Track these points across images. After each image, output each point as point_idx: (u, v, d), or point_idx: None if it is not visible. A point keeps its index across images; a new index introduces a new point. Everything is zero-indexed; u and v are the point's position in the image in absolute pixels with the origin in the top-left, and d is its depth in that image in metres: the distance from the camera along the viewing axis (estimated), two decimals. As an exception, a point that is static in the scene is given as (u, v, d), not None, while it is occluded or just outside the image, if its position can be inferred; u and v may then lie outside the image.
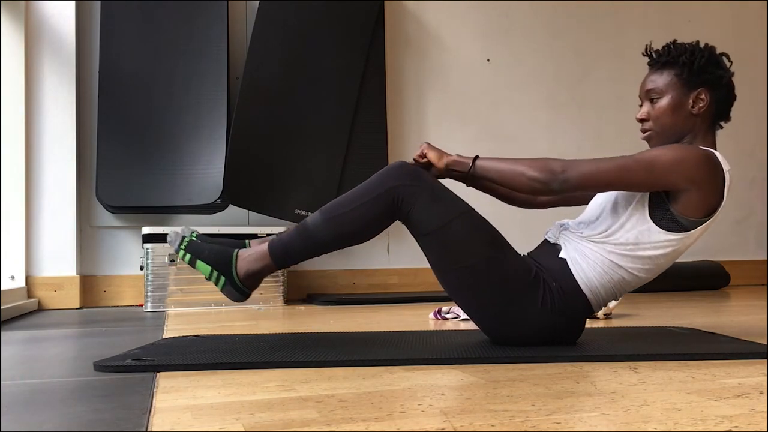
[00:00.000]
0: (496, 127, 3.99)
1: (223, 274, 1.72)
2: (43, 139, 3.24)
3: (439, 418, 1.07)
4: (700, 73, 1.73)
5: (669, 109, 1.75)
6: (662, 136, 1.77)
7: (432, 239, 1.68)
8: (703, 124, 1.76)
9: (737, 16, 4.52)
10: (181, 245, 1.74)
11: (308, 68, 3.43)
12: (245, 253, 1.73)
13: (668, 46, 1.78)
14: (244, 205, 3.29)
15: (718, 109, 1.77)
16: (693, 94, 1.74)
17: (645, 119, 1.79)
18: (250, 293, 1.76)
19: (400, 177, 1.68)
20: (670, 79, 1.76)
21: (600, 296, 1.72)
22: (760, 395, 1.20)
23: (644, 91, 1.81)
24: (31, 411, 1.17)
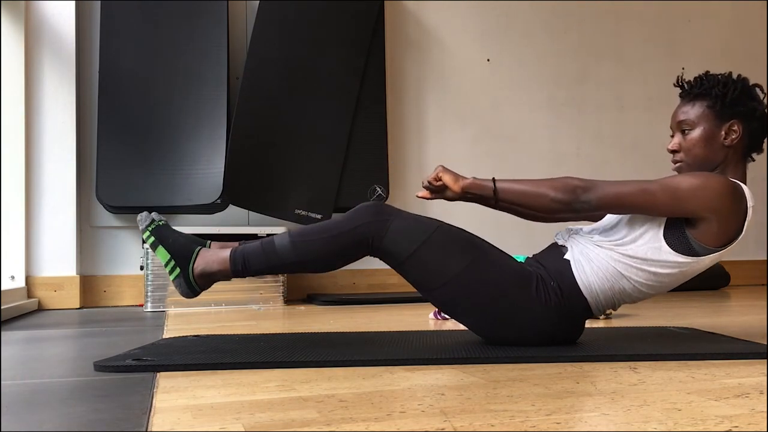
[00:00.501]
0: (496, 127, 3.99)
1: (179, 265, 1.73)
2: (43, 139, 3.24)
3: (439, 418, 1.07)
4: (733, 105, 1.72)
5: (701, 140, 1.74)
6: (693, 167, 1.76)
7: (409, 266, 1.69)
8: (734, 156, 1.75)
9: (737, 16, 4.52)
10: (148, 226, 1.77)
11: (308, 68, 3.43)
12: (207, 252, 1.75)
13: (701, 77, 1.78)
14: (244, 205, 3.29)
15: (751, 140, 1.76)
16: (725, 126, 1.73)
17: (676, 150, 1.78)
18: (200, 292, 1.76)
19: (367, 215, 1.69)
20: (702, 111, 1.75)
21: (599, 302, 1.71)
22: (760, 395, 1.20)
23: (676, 122, 1.79)
24: (31, 411, 1.17)
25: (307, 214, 3.34)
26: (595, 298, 1.70)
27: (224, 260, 1.72)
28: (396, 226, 1.68)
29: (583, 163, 4.09)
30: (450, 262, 1.67)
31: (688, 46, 4.39)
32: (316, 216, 3.35)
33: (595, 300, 1.71)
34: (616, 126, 4.19)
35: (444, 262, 1.67)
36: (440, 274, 1.68)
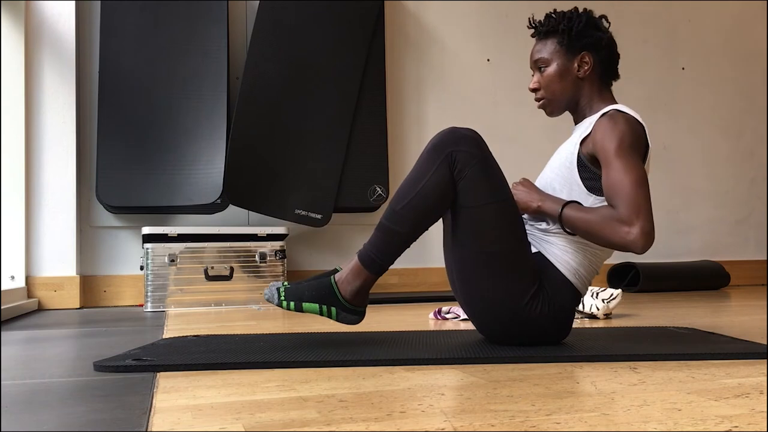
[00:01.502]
0: (496, 127, 3.99)
1: (332, 305, 1.71)
2: (43, 139, 3.24)
3: (439, 418, 1.07)
4: (580, 37, 1.79)
5: (556, 75, 1.82)
6: (554, 102, 1.84)
7: (467, 213, 1.67)
8: (593, 86, 1.82)
9: (737, 16, 4.52)
10: (281, 297, 1.73)
11: (308, 68, 3.43)
12: (341, 275, 1.73)
13: (548, 15, 1.84)
14: (244, 205, 3.29)
15: (604, 69, 1.82)
16: (577, 59, 1.80)
17: (537, 89, 1.86)
18: (364, 311, 1.76)
19: (456, 142, 1.66)
20: (553, 47, 1.82)
21: (582, 276, 1.74)
22: (760, 395, 1.20)
23: (533, 61, 1.87)
24: (31, 411, 1.17)
25: (307, 214, 3.34)
26: (578, 275, 1.73)
27: (359, 269, 1.70)
28: (480, 170, 1.65)
29: (583, 163, 4.08)
30: (498, 235, 1.66)
31: (688, 46, 4.39)
32: (316, 216, 3.35)
33: (579, 278, 1.73)
34: (616, 126, 4.18)
35: (493, 233, 1.66)
36: (483, 240, 1.67)
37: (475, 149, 1.66)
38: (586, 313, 2.50)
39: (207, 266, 3.15)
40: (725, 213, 4.43)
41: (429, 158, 1.66)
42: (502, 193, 1.68)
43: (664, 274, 3.90)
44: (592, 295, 2.52)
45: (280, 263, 3.26)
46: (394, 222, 1.67)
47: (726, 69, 4.49)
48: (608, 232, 1.61)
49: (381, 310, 2.91)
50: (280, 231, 3.29)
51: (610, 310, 2.51)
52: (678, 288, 3.89)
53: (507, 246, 1.67)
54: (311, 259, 3.63)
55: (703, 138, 4.41)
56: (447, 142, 1.66)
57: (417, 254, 3.71)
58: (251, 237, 3.25)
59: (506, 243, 1.67)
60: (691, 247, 4.32)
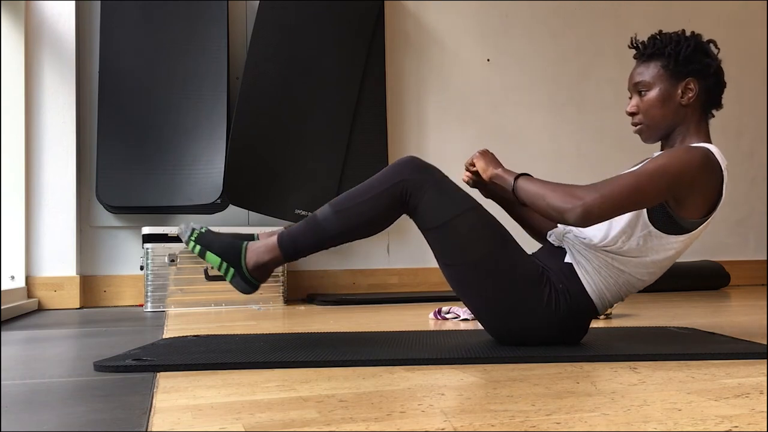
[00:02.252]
0: (496, 127, 3.99)
1: (232, 265, 1.72)
2: (43, 139, 3.24)
3: (439, 418, 1.07)
4: (687, 62, 1.71)
5: (658, 101, 1.73)
6: (653, 128, 1.75)
7: (438, 234, 1.68)
8: (694, 115, 1.74)
9: (737, 16, 4.52)
10: (191, 236, 1.75)
11: (308, 68, 3.43)
12: (254, 245, 1.74)
13: (654, 37, 1.76)
14: (244, 205, 3.29)
15: (708, 97, 1.75)
16: (681, 85, 1.72)
17: (635, 113, 1.77)
18: (258, 285, 1.76)
19: (408, 171, 1.67)
20: (657, 71, 1.73)
21: (605, 299, 1.72)
22: (760, 395, 1.20)
23: (632, 84, 1.78)
24: (31, 411, 1.17)
25: (307, 214, 3.33)
26: (602, 297, 1.71)
27: (273, 247, 1.72)
28: (433, 194, 1.66)
29: (583, 162, 4.09)
30: (478, 245, 1.66)
31: (688, 46, 4.38)
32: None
33: (602, 299, 1.71)
34: (617, 125, 4.18)
35: (472, 244, 1.66)
36: (463, 254, 1.67)
37: (426, 175, 1.68)
38: (586, 313, 2.49)
39: (207, 266, 3.15)
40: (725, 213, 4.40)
41: (381, 180, 1.68)
42: (464, 203, 1.67)
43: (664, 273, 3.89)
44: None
45: (280, 263, 3.26)
46: (326, 222, 1.69)
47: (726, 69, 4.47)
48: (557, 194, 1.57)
49: (381, 310, 2.91)
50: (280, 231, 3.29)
51: (610, 310, 2.51)
52: (678, 288, 3.89)
53: (488, 250, 1.67)
54: (311, 258, 3.62)
55: (703, 138, 4.41)
56: (400, 171, 1.68)
57: (417, 254, 3.71)
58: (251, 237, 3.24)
59: (486, 247, 1.67)
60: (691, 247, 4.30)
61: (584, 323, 1.74)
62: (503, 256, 1.68)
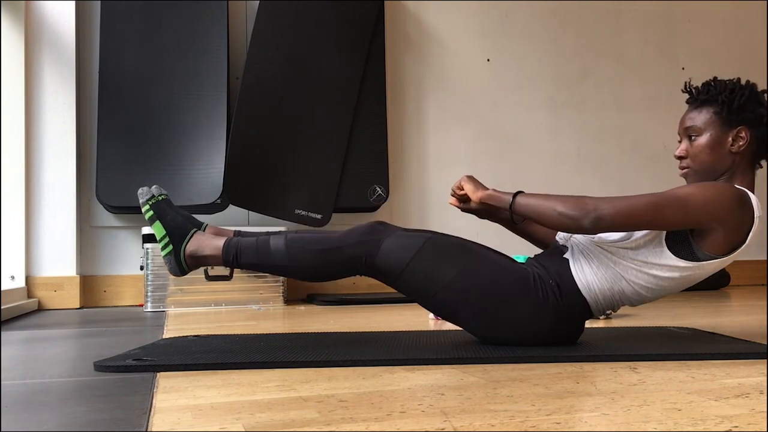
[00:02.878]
0: (496, 127, 3.99)
1: (172, 242, 1.78)
2: (43, 139, 3.24)
3: (439, 418, 1.07)
4: (740, 111, 1.70)
5: (708, 147, 1.73)
6: (700, 173, 1.75)
7: (403, 279, 1.70)
8: (742, 163, 1.73)
9: (737, 16, 4.52)
10: (148, 200, 1.82)
11: (308, 68, 3.43)
12: (201, 236, 1.79)
13: (708, 83, 1.76)
14: (244, 205, 3.29)
15: (759, 147, 1.74)
16: (732, 133, 1.71)
17: (683, 156, 1.78)
18: (187, 272, 1.80)
19: (360, 235, 1.71)
20: (709, 117, 1.73)
21: (598, 302, 1.71)
22: (760, 395, 1.20)
23: (683, 128, 1.78)
24: (31, 411, 1.17)
25: (307, 214, 3.34)
26: (595, 297, 1.70)
27: (217, 248, 1.75)
28: (387, 244, 1.69)
29: (583, 162, 4.09)
30: (443, 268, 1.68)
31: (688, 46, 4.39)
32: (315, 216, 3.35)
33: (594, 300, 1.71)
34: (616, 126, 4.18)
35: (437, 270, 1.68)
36: (435, 282, 1.68)
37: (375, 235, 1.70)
38: (586, 313, 2.49)
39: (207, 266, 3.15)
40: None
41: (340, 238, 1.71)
42: (418, 240, 1.70)
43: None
44: (592, 295, 2.52)
45: (280, 263, 3.26)
46: (276, 253, 1.72)
47: (726, 69, 4.48)
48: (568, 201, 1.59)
49: (381, 310, 2.91)
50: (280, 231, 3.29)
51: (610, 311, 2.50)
52: (678, 288, 3.88)
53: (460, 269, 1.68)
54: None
55: (703, 138, 4.41)
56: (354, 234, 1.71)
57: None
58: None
59: (457, 267, 1.68)
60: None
61: (578, 321, 1.74)
62: (476, 268, 1.69)
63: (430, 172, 3.86)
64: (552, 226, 1.64)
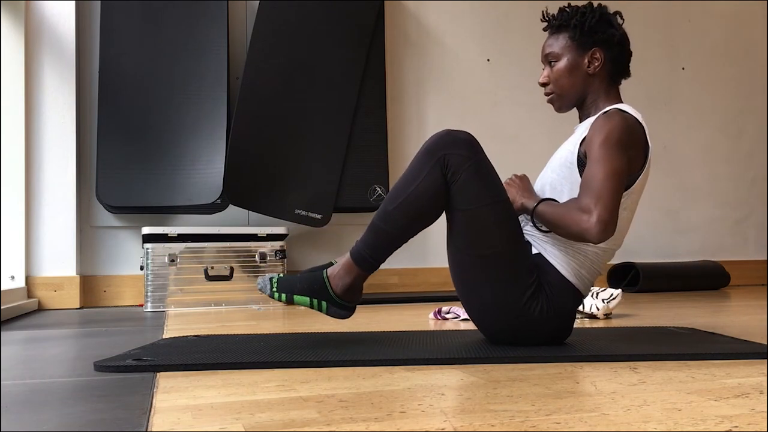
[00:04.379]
0: (496, 127, 3.99)
1: (322, 299, 1.73)
2: (43, 139, 3.24)
3: (439, 418, 1.07)
4: (592, 33, 1.77)
5: (566, 70, 1.80)
6: (563, 97, 1.83)
7: (462, 216, 1.67)
8: (602, 83, 1.81)
9: (737, 16, 4.52)
10: (273, 288, 1.74)
11: (308, 68, 3.43)
12: (334, 270, 1.74)
13: (563, 9, 1.83)
14: (244, 205, 3.29)
15: (615, 66, 1.81)
16: (587, 55, 1.79)
17: (546, 83, 1.84)
18: (353, 307, 1.77)
19: (449, 145, 1.66)
20: (565, 42, 1.80)
21: (583, 277, 1.73)
22: (760, 395, 1.20)
23: (543, 55, 1.85)
24: (31, 411, 1.17)
25: (307, 214, 3.34)
26: (580, 276, 1.72)
27: (350, 265, 1.72)
28: (474, 173, 1.65)
29: (583, 163, 4.08)
30: (495, 239, 1.67)
31: (688, 46, 4.39)
32: (316, 216, 3.35)
33: (579, 278, 1.72)
34: (616, 126, 4.18)
35: (490, 237, 1.67)
36: (480, 244, 1.67)
37: (468, 152, 1.66)
38: (586, 313, 2.50)
39: (207, 266, 3.15)
40: (725, 213, 4.42)
41: (422, 160, 1.67)
42: (497, 195, 1.68)
43: (664, 274, 3.90)
44: (592, 295, 2.52)
45: (280, 263, 3.26)
46: (386, 222, 1.68)
47: (726, 69, 4.49)
48: (568, 220, 1.61)
49: (381, 310, 2.91)
50: (280, 231, 3.29)
51: (610, 310, 2.51)
52: (678, 288, 3.89)
53: (503, 248, 1.67)
54: (311, 259, 3.63)
55: (702, 138, 4.41)
56: (441, 145, 1.66)
57: (417, 254, 3.71)
58: (251, 237, 3.25)
59: (502, 245, 1.67)
60: (691, 247, 4.32)
61: (571, 309, 1.74)
62: (512, 255, 1.69)
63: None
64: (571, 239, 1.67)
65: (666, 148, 4.27)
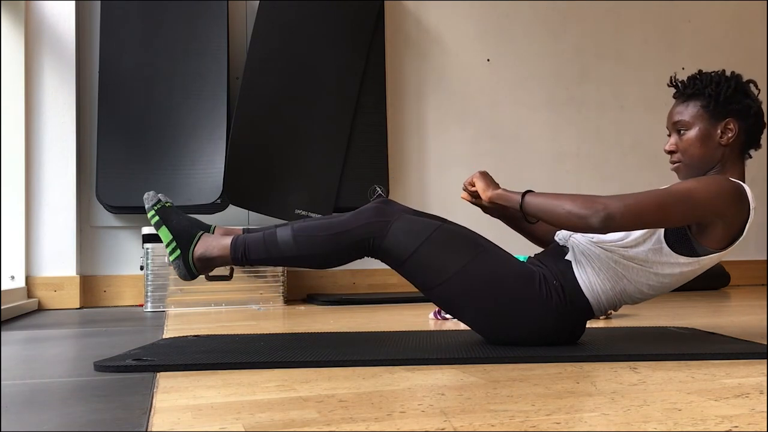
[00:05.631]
0: (496, 127, 3.99)
1: (180, 247, 1.76)
2: (43, 139, 3.24)
3: (439, 418, 1.07)
4: (727, 103, 1.71)
5: (697, 140, 1.73)
6: (691, 167, 1.76)
7: (409, 265, 1.69)
8: (732, 154, 1.75)
9: (737, 16, 4.52)
10: (154, 206, 1.79)
11: (308, 68, 3.43)
12: (209, 238, 1.76)
13: (694, 76, 1.77)
14: (244, 205, 3.29)
15: (748, 138, 1.75)
16: (721, 125, 1.72)
17: (673, 151, 1.78)
18: (197, 275, 1.78)
19: (369, 216, 1.69)
20: (696, 111, 1.74)
21: (601, 302, 1.71)
22: (760, 395, 1.20)
23: (671, 122, 1.79)
24: (31, 411, 1.17)
25: (307, 214, 3.34)
26: (597, 298, 1.70)
27: (225, 247, 1.73)
28: (397, 227, 1.68)
29: (583, 162, 4.08)
30: (450, 259, 1.67)
31: (688, 46, 4.39)
32: (316, 216, 3.35)
33: (596, 300, 1.70)
34: (616, 126, 4.18)
35: (444, 260, 1.67)
36: (440, 272, 1.67)
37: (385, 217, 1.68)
38: (586, 313, 2.49)
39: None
40: (725, 213, 4.41)
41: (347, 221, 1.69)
42: (428, 228, 1.68)
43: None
44: (592, 295, 2.51)
45: (280, 263, 3.26)
46: (284, 243, 1.70)
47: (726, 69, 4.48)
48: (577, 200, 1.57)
49: (381, 310, 2.91)
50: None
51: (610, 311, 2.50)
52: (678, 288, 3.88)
53: (466, 262, 1.67)
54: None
55: (703, 138, 4.41)
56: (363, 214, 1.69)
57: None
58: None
59: (463, 260, 1.67)
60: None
61: (580, 321, 1.74)
62: (482, 263, 1.68)
63: (430, 172, 3.86)
64: (561, 225, 1.63)
65: (666, 148, 4.27)
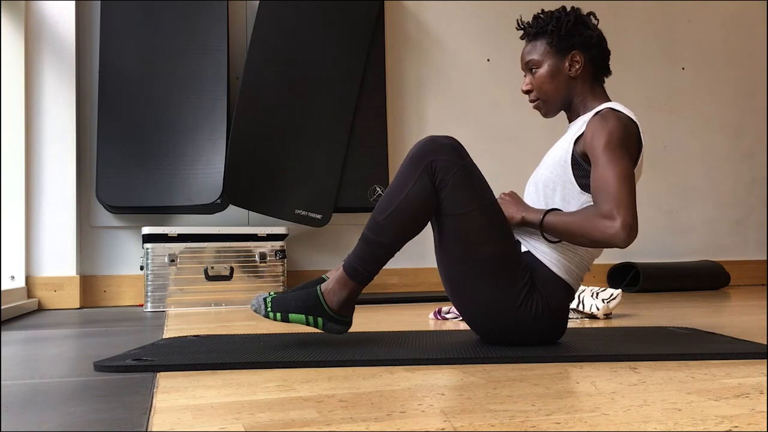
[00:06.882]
0: (496, 127, 3.99)
1: (318, 315, 1.72)
2: (43, 139, 3.25)
3: (439, 418, 1.07)
4: (569, 36, 1.80)
5: (548, 76, 1.82)
6: (548, 103, 1.85)
7: (452, 221, 1.67)
8: (585, 84, 1.83)
9: (737, 16, 4.52)
10: (267, 309, 1.72)
11: (308, 68, 3.43)
12: (328, 286, 1.73)
13: (537, 16, 1.86)
14: (244, 205, 3.30)
15: (595, 66, 1.83)
16: (567, 58, 1.80)
17: (530, 90, 1.87)
18: (350, 321, 1.76)
19: (435, 151, 1.66)
20: (543, 48, 1.83)
21: (573, 272, 1.74)
22: (760, 395, 1.20)
23: (524, 63, 1.88)
24: (31, 411, 1.17)
25: (307, 214, 3.34)
26: (569, 271, 1.73)
27: (344, 279, 1.71)
28: (462, 177, 1.64)
29: (583, 163, 4.08)
30: (484, 243, 1.66)
31: (688, 46, 4.39)
32: (316, 216, 3.35)
33: (570, 274, 1.73)
34: (616, 126, 4.18)
35: (479, 240, 1.66)
36: (470, 248, 1.67)
37: (454, 157, 1.66)
38: (586, 313, 2.50)
39: (207, 266, 3.15)
40: (725, 213, 4.42)
41: (409, 169, 1.67)
42: (486, 198, 1.68)
43: (664, 274, 3.90)
44: (592, 295, 2.52)
45: (280, 263, 3.26)
46: (376, 233, 1.68)
47: (726, 69, 4.49)
48: (590, 228, 1.61)
49: (381, 310, 2.91)
50: (280, 231, 3.29)
51: (610, 310, 2.51)
52: (678, 288, 3.89)
53: (494, 251, 1.67)
54: (311, 259, 3.63)
55: (702, 138, 4.41)
56: (426, 152, 1.66)
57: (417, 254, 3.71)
58: (251, 237, 3.25)
59: (493, 248, 1.67)
60: (691, 247, 4.32)
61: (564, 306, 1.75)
62: (503, 257, 1.68)
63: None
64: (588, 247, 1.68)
65: (666, 148, 4.27)
